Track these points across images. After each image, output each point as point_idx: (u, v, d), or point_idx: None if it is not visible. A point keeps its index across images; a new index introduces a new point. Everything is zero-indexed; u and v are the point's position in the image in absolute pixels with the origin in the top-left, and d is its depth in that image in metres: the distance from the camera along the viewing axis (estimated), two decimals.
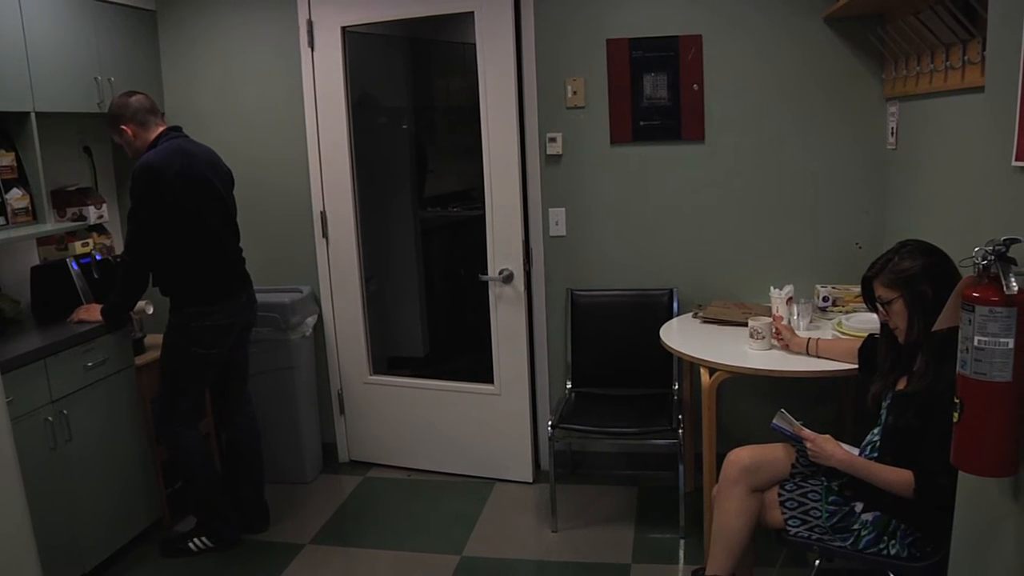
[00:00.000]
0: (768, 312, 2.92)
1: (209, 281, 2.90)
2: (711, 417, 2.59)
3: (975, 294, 1.35)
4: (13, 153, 2.93)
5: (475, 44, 3.23)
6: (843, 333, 2.73)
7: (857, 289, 2.33)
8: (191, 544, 3.02)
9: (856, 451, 2.16)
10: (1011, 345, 1.32)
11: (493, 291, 3.40)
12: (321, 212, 3.61)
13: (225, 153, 3.74)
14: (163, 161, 2.75)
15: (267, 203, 3.62)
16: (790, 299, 2.85)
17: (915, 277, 2.00)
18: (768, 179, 3.25)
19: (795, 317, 2.85)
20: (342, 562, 2.97)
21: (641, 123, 3.29)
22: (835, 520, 2.11)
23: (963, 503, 1.61)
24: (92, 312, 2.90)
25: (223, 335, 2.93)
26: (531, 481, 3.50)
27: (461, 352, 4.51)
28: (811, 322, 2.88)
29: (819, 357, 2.57)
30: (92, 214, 3.35)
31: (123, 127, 2.84)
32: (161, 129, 2.88)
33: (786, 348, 2.66)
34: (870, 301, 2.15)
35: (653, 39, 3.22)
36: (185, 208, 2.78)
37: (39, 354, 2.59)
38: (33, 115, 2.89)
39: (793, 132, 3.20)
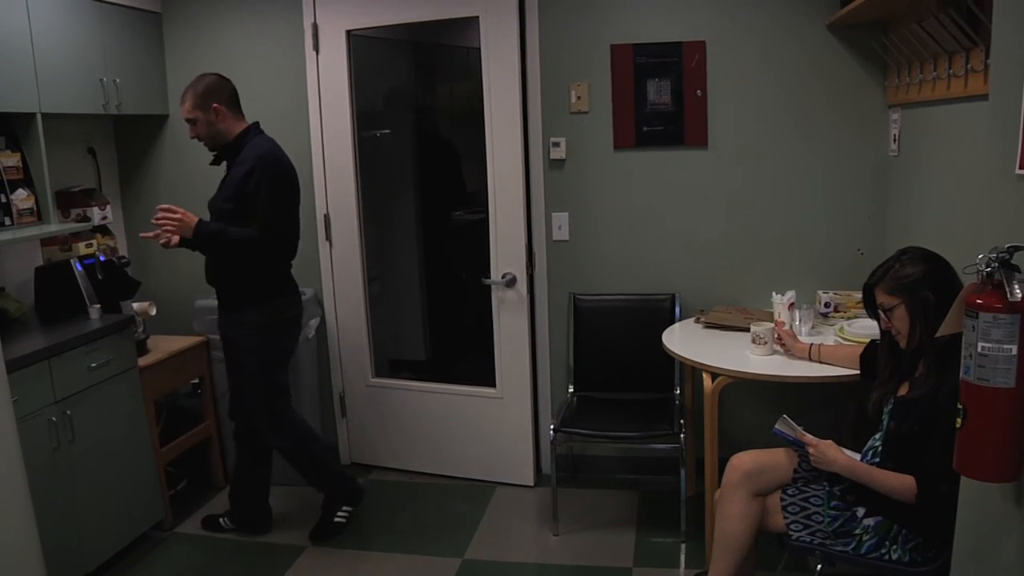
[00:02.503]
0: (770, 317, 2.92)
1: (289, 274, 2.98)
2: (713, 422, 2.60)
3: (979, 301, 1.35)
4: (19, 154, 2.94)
5: (479, 48, 3.24)
6: (845, 339, 2.74)
7: (859, 295, 2.33)
8: (339, 519, 3.13)
9: (858, 456, 2.17)
10: (1014, 351, 1.32)
11: (496, 295, 3.40)
12: (325, 215, 3.62)
13: None
14: (283, 155, 2.86)
15: None
16: (792, 305, 2.85)
17: (917, 283, 2.01)
18: (770, 185, 3.26)
19: (797, 323, 2.86)
20: (343, 565, 2.98)
21: (644, 128, 3.30)
22: (837, 525, 2.11)
23: (965, 508, 1.62)
24: (189, 219, 2.73)
25: (298, 325, 3.05)
26: (532, 485, 3.51)
27: (463, 355, 4.51)
28: (813, 328, 2.89)
29: (821, 363, 2.57)
30: (96, 215, 3.36)
31: (216, 105, 2.82)
32: (249, 124, 2.92)
33: (788, 353, 2.67)
34: (871, 308, 2.15)
35: (657, 45, 3.23)
36: (295, 202, 2.88)
37: (43, 354, 2.60)
38: (39, 116, 2.91)
39: (795, 138, 3.21)
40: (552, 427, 3.05)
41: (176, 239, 2.75)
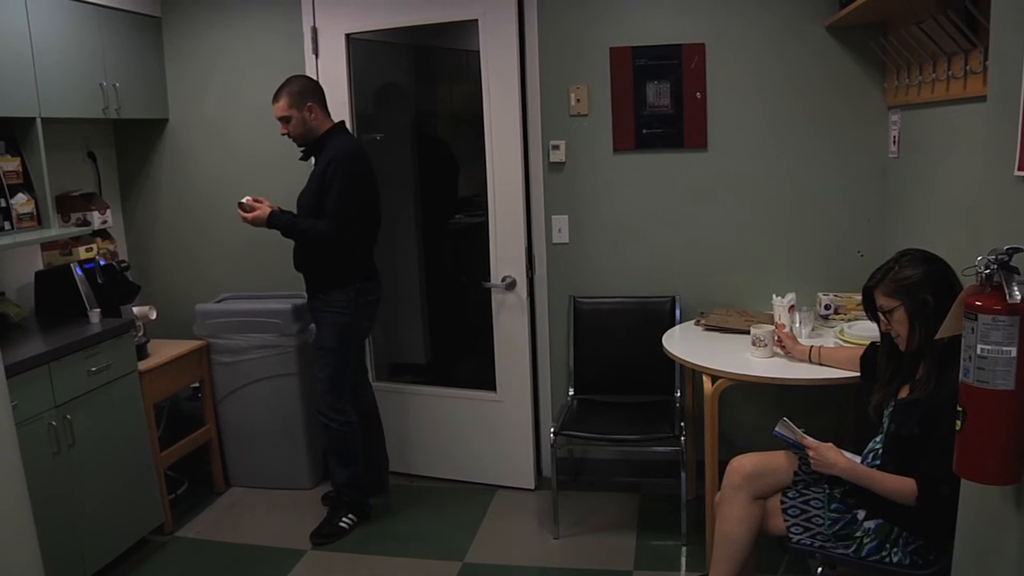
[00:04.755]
0: (770, 320, 2.92)
1: (370, 260, 3.16)
2: (713, 424, 2.60)
3: (978, 303, 1.35)
4: (19, 158, 2.94)
5: (479, 52, 3.24)
6: (845, 341, 2.73)
7: (859, 297, 2.33)
8: (343, 524, 3.19)
9: (858, 459, 2.17)
10: (1014, 353, 1.32)
11: (496, 298, 3.40)
12: None
13: (230, 159, 3.76)
14: (362, 150, 3.10)
15: None
16: (792, 307, 2.85)
17: (916, 285, 2.00)
18: (770, 187, 3.26)
19: (797, 325, 2.86)
20: (344, 568, 2.97)
21: (644, 131, 3.30)
22: (837, 528, 2.11)
23: (965, 511, 1.62)
24: (263, 209, 3.01)
25: (376, 309, 3.21)
26: (533, 488, 3.50)
27: (463, 359, 4.51)
28: (813, 330, 2.89)
29: (821, 365, 2.57)
30: (96, 219, 3.37)
31: (311, 103, 3.00)
32: (335, 122, 3.09)
33: (788, 356, 2.67)
34: (871, 310, 2.15)
35: (656, 47, 3.23)
36: (374, 194, 3.10)
37: (43, 359, 2.60)
38: (39, 121, 2.91)
39: (795, 140, 3.21)
40: (552, 430, 3.05)
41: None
